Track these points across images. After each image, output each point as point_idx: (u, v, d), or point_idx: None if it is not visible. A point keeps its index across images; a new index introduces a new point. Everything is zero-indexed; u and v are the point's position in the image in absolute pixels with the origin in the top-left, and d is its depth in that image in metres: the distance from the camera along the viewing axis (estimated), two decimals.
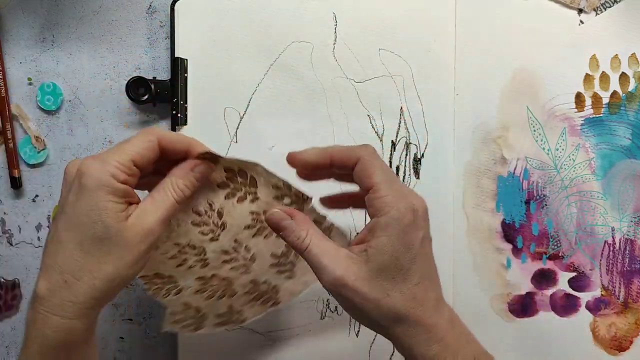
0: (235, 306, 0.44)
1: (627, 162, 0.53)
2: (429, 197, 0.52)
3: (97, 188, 0.34)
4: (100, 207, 0.34)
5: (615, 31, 0.52)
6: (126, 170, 0.35)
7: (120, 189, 0.35)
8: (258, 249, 0.42)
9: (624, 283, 0.53)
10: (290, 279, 0.44)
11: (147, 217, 0.35)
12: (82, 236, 0.34)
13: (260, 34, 0.51)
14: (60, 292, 0.34)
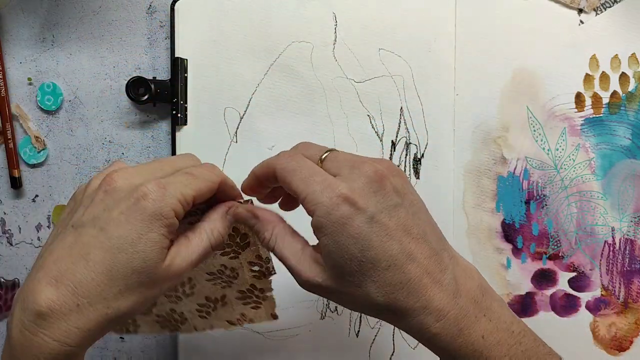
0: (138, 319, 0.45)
1: (627, 162, 0.53)
2: (429, 197, 0.52)
3: (154, 218, 0.31)
4: (151, 239, 0.31)
5: (615, 31, 0.52)
6: (186, 206, 0.32)
7: (175, 225, 0.32)
8: (199, 290, 0.42)
9: (624, 283, 0.53)
10: (202, 318, 0.44)
11: (181, 260, 0.33)
12: (116, 262, 0.31)
13: (260, 34, 0.51)
14: (68, 316, 0.30)
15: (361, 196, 0.31)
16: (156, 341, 0.54)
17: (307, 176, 0.32)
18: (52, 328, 0.30)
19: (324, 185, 0.31)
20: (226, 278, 0.41)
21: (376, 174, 0.32)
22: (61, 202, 0.54)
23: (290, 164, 0.33)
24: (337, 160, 0.33)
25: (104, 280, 0.31)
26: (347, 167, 0.32)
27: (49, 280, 0.31)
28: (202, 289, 0.42)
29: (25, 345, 0.30)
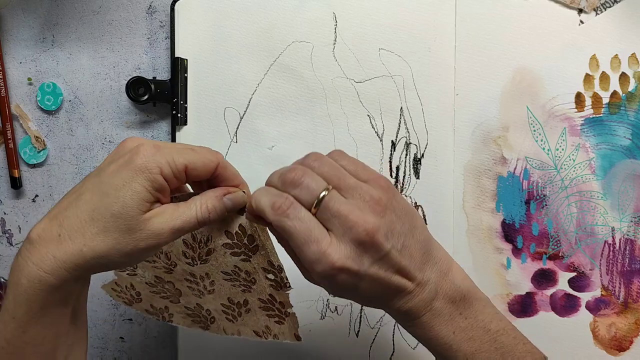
0: (170, 308, 0.46)
1: (627, 162, 0.53)
2: (429, 197, 0.53)
3: (140, 170, 0.34)
4: (133, 188, 0.34)
5: (615, 31, 0.52)
6: (175, 170, 0.35)
7: (159, 182, 0.34)
8: (219, 289, 0.43)
9: (624, 283, 0.53)
10: (229, 321, 0.45)
11: (162, 221, 0.35)
12: (99, 204, 0.34)
13: (260, 34, 0.51)
14: (49, 244, 0.34)
15: (354, 261, 0.34)
16: (156, 341, 0.54)
17: (301, 244, 0.34)
18: (34, 252, 0.34)
19: (319, 255, 0.34)
20: (243, 281, 0.42)
21: (367, 234, 0.34)
22: None
23: (285, 225, 0.34)
24: (329, 211, 0.35)
25: (86, 218, 0.34)
26: (339, 226, 0.34)
27: (48, 217, 0.35)
28: (222, 288, 0.43)
29: (15, 269, 0.34)
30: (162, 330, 0.54)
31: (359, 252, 0.34)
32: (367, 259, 0.34)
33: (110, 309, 0.54)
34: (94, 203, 0.34)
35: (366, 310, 0.53)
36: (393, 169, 0.53)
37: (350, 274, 0.34)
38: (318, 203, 0.35)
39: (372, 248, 0.34)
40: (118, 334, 0.55)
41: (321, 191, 0.35)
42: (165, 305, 0.46)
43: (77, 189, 0.35)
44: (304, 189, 0.35)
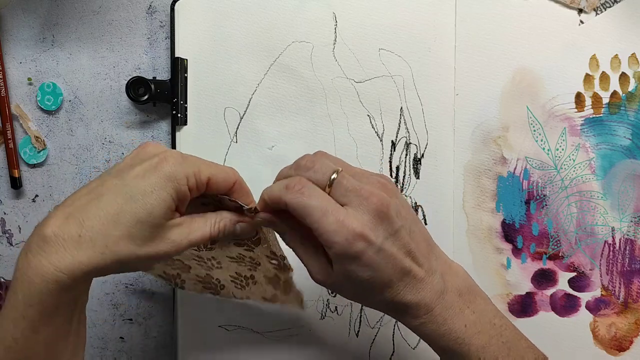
0: (182, 275, 0.47)
1: (627, 162, 0.53)
2: (429, 197, 0.53)
3: (168, 178, 0.34)
4: (161, 196, 0.34)
5: (615, 31, 0.52)
6: (199, 182, 0.35)
7: (183, 192, 0.35)
8: (227, 266, 0.44)
9: (624, 283, 0.53)
10: (238, 289, 0.46)
11: (181, 232, 0.35)
12: (125, 208, 0.33)
13: (260, 34, 0.51)
14: (68, 243, 0.32)
15: (371, 229, 0.35)
16: (156, 341, 0.55)
17: (319, 217, 0.35)
18: (51, 251, 0.32)
19: (337, 225, 0.34)
20: (249, 264, 0.43)
21: (382, 205, 0.35)
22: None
23: (301, 202, 0.35)
24: (343, 187, 0.36)
25: (110, 221, 0.33)
26: (355, 198, 0.35)
27: (62, 213, 0.33)
28: (230, 266, 0.44)
29: (25, 267, 0.32)
30: (162, 330, 0.54)
31: (375, 223, 0.35)
32: (382, 231, 0.35)
33: (110, 309, 0.54)
34: (118, 206, 0.33)
35: (366, 310, 0.53)
36: (393, 169, 0.53)
37: (367, 243, 0.34)
38: (331, 183, 0.36)
39: (386, 220, 0.35)
40: (118, 334, 0.55)
41: (332, 172, 0.36)
42: (177, 272, 0.46)
43: (96, 189, 0.35)
44: (317, 171, 0.37)
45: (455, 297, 0.38)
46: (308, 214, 0.35)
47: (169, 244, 0.35)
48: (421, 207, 0.53)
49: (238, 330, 0.53)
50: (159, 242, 0.34)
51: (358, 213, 0.35)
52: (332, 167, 0.37)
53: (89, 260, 0.32)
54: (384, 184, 0.37)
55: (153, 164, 0.35)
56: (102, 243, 0.33)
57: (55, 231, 0.33)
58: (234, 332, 0.53)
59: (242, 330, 0.53)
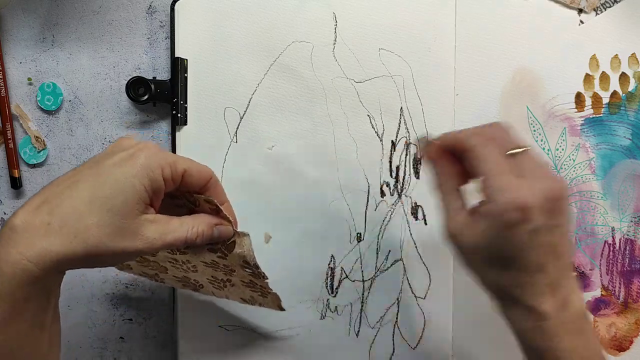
0: (160, 275, 0.47)
1: (627, 162, 0.53)
2: (429, 197, 0.52)
3: (142, 168, 0.34)
4: (134, 184, 0.33)
5: (615, 31, 0.52)
6: (174, 173, 0.35)
7: (158, 183, 0.34)
8: (202, 270, 0.44)
9: (624, 283, 0.53)
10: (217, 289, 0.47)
11: (155, 230, 0.35)
12: (97, 195, 0.33)
13: (260, 34, 0.51)
14: (37, 231, 0.31)
15: (535, 208, 0.34)
16: (156, 341, 0.54)
17: (495, 172, 0.34)
18: (19, 241, 0.31)
19: (507, 185, 0.34)
20: (223, 269, 0.43)
21: (556, 192, 0.34)
22: None
23: (483, 152, 0.35)
24: (526, 162, 0.35)
25: (82, 209, 0.32)
26: (533, 175, 0.35)
27: (33, 203, 0.33)
28: (205, 270, 0.44)
29: None
30: (162, 330, 0.54)
31: (542, 205, 0.34)
32: (545, 218, 0.34)
33: (110, 309, 0.54)
34: (90, 193, 0.33)
35: (366, 310, 0.53)
36: (393, 169, 0.53)
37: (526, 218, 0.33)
38: (515, 153, 0.35)
39: (555, 211, 0.34)
40: (118, 334, 0.55)
41: (517, 145, 0.36)
42: (155, 272, 0.47)
43: (70, 177, 0.34)
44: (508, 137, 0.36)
45: (577, 316, 0.36)
46: (483, 164, 0.35)
47: (142, 241, 0.34)
48: (421, 207, 0.53)
49: (238, 330, 0.53)
50: (131, 237, 0.34)
51: (530, 189, 0.34)
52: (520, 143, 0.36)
53: (58, 248, 0.31)
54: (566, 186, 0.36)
55: (129, 153, 0.34)
56: (72, 231, 0.32)
57: (24, 220, 0.32)
58: (234, 332, 0.53)
59: (242, 330, 0.53)
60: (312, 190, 0.52)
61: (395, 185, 0.53)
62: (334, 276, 0.53)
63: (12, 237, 0.32)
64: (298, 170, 0.52)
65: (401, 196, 0.53)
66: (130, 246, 0.34)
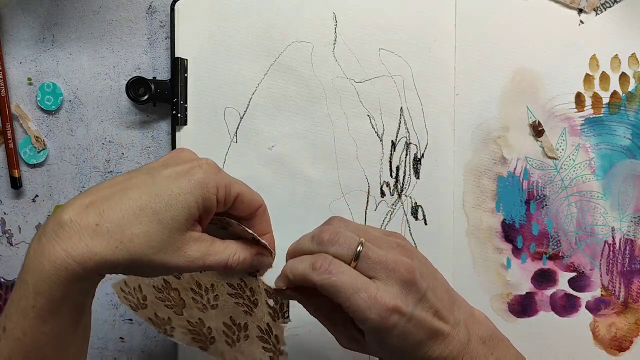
0: (173, 320, 0.46)
1: (627, 162, 0.53)
2: (429, 197, 0.53)
3: (198, 185, 0.33)
4: (187, 200, 0.33)
5: (615, 31, 0.52)
6: (227, 195, 0.35)
7: (210, 202, 0.34)
8: (222, 304, 0.43)
9: (624, 283, 0.53)
10: (228, 345, 0.46)
11: (198, 250, 0.34)
12: (149, 205, 0.32)
13: (260, 34, 0.51)
14: (84, 231, 0.31)
15: (402, 301, 0.35)
16: (156, 341, 0.54)
17: (351, 294, 0.35)
18: (65, 237, 0.31)
19: (370, 301, 0.34)
20: (247, 300, 0.42)
21: (408, 272, 0.36)
22: (61, 202, 0.54)
23: (331, 281, 0.35)
24: (370, 260, 0.36)
25: (131, 217, 0.32)
26: (383, 270, 0.36)
27: (83, 201, 0.32)
28: (226, 304, 0.43)
29: (37, 252, 0.31)
30: None
31: (405, 292, 0.35)
32: (411, 299, 0.35)
33: (110, 309, 0.54)
34: (142, 202, 0.32)
35: None
36: (393, 169, 0.53)
37: (400, 315, 0.35)
38: (357, 256, 0.36)
39: (414, 287, 0.36)
40: (118, 334, 0.55)
41: (357, 245, 0.36)
42: (168, 317, 0.46)
43: (123, 182, 0.34)
44: (341, 245, 0.36)
45: (479, 345, 0.38)
46: (338, 293, 0.35)
47: (184, 259, 0.34)
48: (421, 207, 0.53)
49: None
50: (174, 253, 0.33)
51: (388, 286, 0.35)
52: (356, 239, 0.36)
53: (102, 251, 0.31)
54: (403, 245, 0.37)
55: (186, 168, 0.34)
56: (118, 237, 0.32)
57: (73, 217, 0.31)
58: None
59: None
60: (312, 190, 0.52)
61: (395, 185, 0.53)
62: None
63: (59, 232, 0.31)
64: (298, 170, 0.52)
65: (401, 196, 0.53)
66: (171, 261, 0.33)
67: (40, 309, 0.31)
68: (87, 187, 0.54)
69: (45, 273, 0.31)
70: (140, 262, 0.33)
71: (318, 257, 0.36)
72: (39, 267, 0.31)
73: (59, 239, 0.31)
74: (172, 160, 0.36)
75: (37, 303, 0.31)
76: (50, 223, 0.32)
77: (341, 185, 0.52)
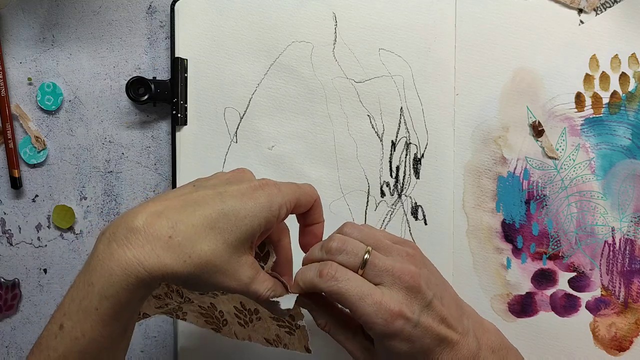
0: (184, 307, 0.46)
1: (627, 162, 0.53)
2: (429, 197, 0.53)
3: (264, 207, 0.34)
4: (254, 223, 0.34)
5: (615, 31, 0.52)
6: (289, 209, 0.37)
7: (272, 223, 0.35)
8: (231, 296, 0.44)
9: (624, 283, 0.53)
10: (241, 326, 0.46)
11: (248, 276, 0.35)
12: (217, 224, 0.33)
13: (260, 34, 0.51)
14: (157, 241, 0.31)
15: (408, 307, 0.36)
16: (156, 341, 0.54)
17: (357, 300, 0.35)
18: (137, 245, 0.31)
19: (375, 307, 0.35)
20: None
21: (414, 280, 0.36)
22: (61, 202, 0.54)
23: (337, 288, 0.36)
24: (376, 268, 0.36)
25: (201, 232, 0.32)
26: (388, 277, 0.36)
27: (152, 210, 0.33)
28: (234, 296, 0.43)
29: (105, 256, 0.31)
30: (162, 330, 0.54)
31: (410, 298, 0.36)
32: (417, 305, 0.36)
33: None
34: (212, 220, 0.33)
35: None
36: (393, 169, 0.53)
37: (405, 320, 0.35)
38: (363, 264, 0.36)
39: (419, 294, 0.36)
40: None
41: (364, 253, 0.37)
42: (179, 305, 0.46)
43: (190, 195, 0.34)
44: (349, 253, 0.37)
45: (489, 354, 0.38)
46: (345, 299, 0.35)
47: (236, 282, 0.34)
48: (421, 207, 0.53)
49: None
50: (230, 275, 0.34)
51: (393, 292, 0.36)
52: (363, 247, 0.37)
53: (172, 264, 0.32)
54: (413, 255, 0.38)
55: (252, 187, 0.35)
56: (187, 251, 0.32)
57: (146, 225, 0.32)
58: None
59: None
60: None
61: (395, 185, 0.53)
62: None
63: (131, 239, 0.31)
64: (298, 170, 0.52)
65: (401, 196, 0.53)
66: (225, 282, 0.34)
67: (104, 312, 0.31)
68: (88, 188, 0.54)
69: (115, 278, 0.31)
70: (199, 278, 0.33)
71: (325, 265, 0.36)
72: (108, 271, 0.31)
73: (130, 245, 0.31)
74: (235, 177, 0.36)
75: (101, 306, 0.31)
76: (121, 228, 0.32)
77: (341, 185, 0.52)
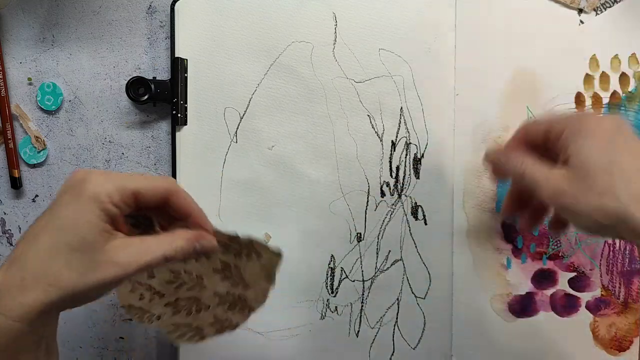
0: (219, 315, 0.45)
1: None
2: (429, 197, 0.53)
3: (91, 200, 0.34)
4: (88, 219, 0.33)
5: (615, 31, 0.52)
6: (124, 197, 0.35)
7: (110, 210, 0.34)
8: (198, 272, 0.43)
9: (624, 283, 0.53)
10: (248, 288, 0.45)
11: (129, 254, 0.34)
12: (57, 240, 0.33)
13: (260, 34, 0.51)
14: (14, 290, 0.32)
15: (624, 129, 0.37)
16: (156, 341, 0.55)
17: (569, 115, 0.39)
18: None
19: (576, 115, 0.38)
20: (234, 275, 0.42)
21: None
22: None
23: None
24: None
25: (47, 257, 0.33)
26: None
27: (7, 262, 0.34)
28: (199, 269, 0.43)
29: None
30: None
31: None
32: None
33: (110, 308, 0.54)
34: (52, 240, 0.33)
35: (366, 310, 0.53)
36: (393, 169, 0.53)
37: None
38: None
39: None
40: (118, 333, 0.55)
41: None
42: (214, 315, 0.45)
43: (33, 229, 0.34)
44: None
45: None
46: None
47: (117, 268, 0.34)
48: (421, 207, 0.53)
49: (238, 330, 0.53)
50: (105, 268, 0.33)
51: None
52: None
53: (35, 301, 0.32)
54: None
55: (76, 189, 0.34)
56: (45, 280, 0.32)
57: (1, 281, 0.33)
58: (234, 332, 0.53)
59: (243, 330, 0.53)
60: (312, 190, 0.52)
61: (395, 185, 0.53)
62: (334, 276, 0.53)
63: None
64: (298, 170, 0.52)
65: (401, 196, 0.53)
66: (107, 276, 0.34)
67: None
68: None
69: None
70: (76, 292, 0.33)
71: None
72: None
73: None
74: (64, 186, 0.36)
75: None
76: None
77: (341, 185, 0.52)
